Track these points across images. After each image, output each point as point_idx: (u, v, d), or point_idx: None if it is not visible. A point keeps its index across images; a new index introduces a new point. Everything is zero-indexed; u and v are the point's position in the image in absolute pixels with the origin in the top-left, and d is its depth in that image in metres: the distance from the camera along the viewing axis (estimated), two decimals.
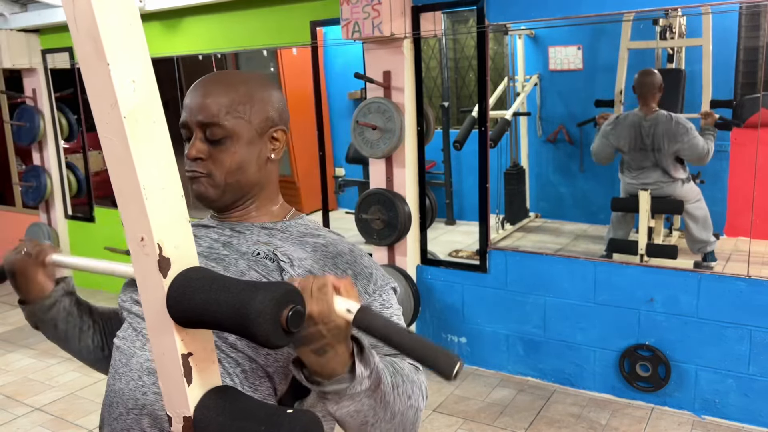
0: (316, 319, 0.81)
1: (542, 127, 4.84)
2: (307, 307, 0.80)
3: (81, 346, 1.26)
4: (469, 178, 4.71)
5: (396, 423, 0.94)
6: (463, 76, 5.34)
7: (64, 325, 1.23)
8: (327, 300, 0.82)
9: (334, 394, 0.86)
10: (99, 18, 0.72)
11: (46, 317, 1.21)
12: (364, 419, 0.90)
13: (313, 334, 0.82)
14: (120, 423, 1.02)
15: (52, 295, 1.20)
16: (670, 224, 4.15)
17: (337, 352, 0.84)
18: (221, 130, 1.04)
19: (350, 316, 0.82)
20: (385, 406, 0.91)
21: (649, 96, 3.68)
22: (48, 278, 1.21)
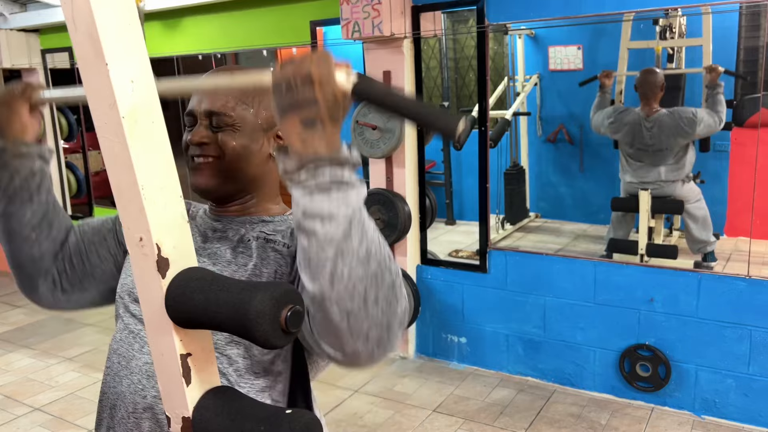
0: (314, 79, 0.77)
1: (542, 127, 4.84)
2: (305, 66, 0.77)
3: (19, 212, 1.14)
4: (469, 178, 4.71)
5: (371, 273, 0.79)
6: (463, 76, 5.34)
7: (19, 182, 1.13)
8: (328, 64, 0.78)
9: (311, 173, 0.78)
10: (98, 18, 0.72)
11: (11, 162, 1.12)
12: (333, 234, 0.77)
13: (307, 99, 0.77)
14: (122, 426, 1.02)
15: (30, 146, 1.13)
16: (670, 224, 4.15)
17: (325, 129, 0.78)
18: (228, 118, 1.05)
19: (349, 84, 0.79)
20: (361, 231, 0.79)
21: (650, 95, 3.68)
22: (34, 122, 1.14)
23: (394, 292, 0.82)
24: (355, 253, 0.78)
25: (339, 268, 0.78)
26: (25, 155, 1.13)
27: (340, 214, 0.78)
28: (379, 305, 0.80)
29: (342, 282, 0.78)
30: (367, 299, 0.79)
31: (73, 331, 4.61)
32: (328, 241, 0.78)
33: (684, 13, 3.87)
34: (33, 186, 1.14)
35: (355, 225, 0.79)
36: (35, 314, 4.93)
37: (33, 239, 1.15)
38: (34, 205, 1.15)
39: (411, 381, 3.65)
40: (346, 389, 3.56)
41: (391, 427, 3.19)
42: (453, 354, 3.83)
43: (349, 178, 0.80)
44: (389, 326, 0.82)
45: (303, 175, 0.79)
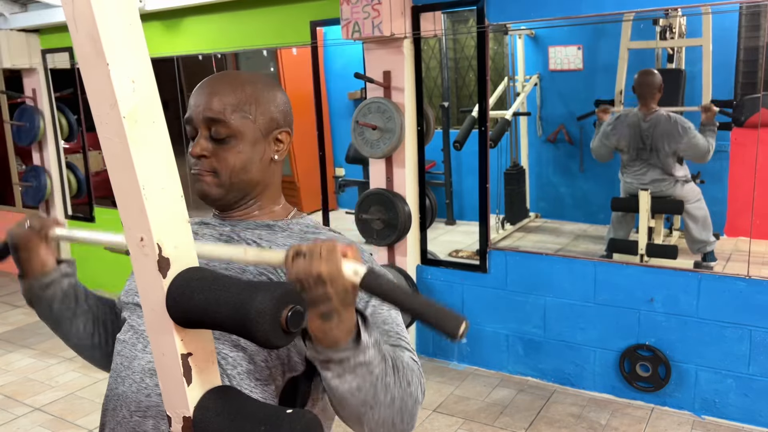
0: (324, 278, 0.82)
1: (542, 127, 4.84)
2: (315, 267, 0.82)
3: (71, 330, 1.24)
4: (469, 178, 4.71)
5: (395, 409, 0.92)
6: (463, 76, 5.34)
7: (58, 306, 1.21)
8: (335, 261, 0.82)
9: (337, 364, 0.86)
10: (98, 18, 0.72)
11: (42, 295, 1.20)
12: (364, 398, 0.89)
13: (320, 296, 0.83)
14: (123, 426, 1.02)
15: (51, 273, 1.19)
16: (670, 224, 4.16)
17: (342, 319, 0.84)
18: (226, 128, 1.05)
19: (357, 278, 0.83)
20: (385, 387, 0.90)
21: (648, 96, 3.68)
22: (50, 254, 1.19)
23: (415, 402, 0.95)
24: (381, 403, 0.91)
25: (368, 415, 0.91)
26: (51, 284, 1.20)
27: (366, 384, 0.88)
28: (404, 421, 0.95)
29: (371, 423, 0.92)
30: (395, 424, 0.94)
31: None
32: (360, 404, 0.90)
33: (684, 13, 3.88)
34: (71, 303, 1.23)
35: (380, 384, 0.89)
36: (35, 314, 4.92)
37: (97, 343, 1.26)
38: (81, 317, 1.24)
39: None
40: None
41: None
42: (453, 354, 3.83)
43: (370, 357, 0.88)
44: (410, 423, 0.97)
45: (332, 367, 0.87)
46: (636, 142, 3.73)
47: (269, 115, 1.09)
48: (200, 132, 1.06)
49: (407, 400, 0.94)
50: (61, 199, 5.52)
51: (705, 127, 3.59)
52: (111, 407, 1.06)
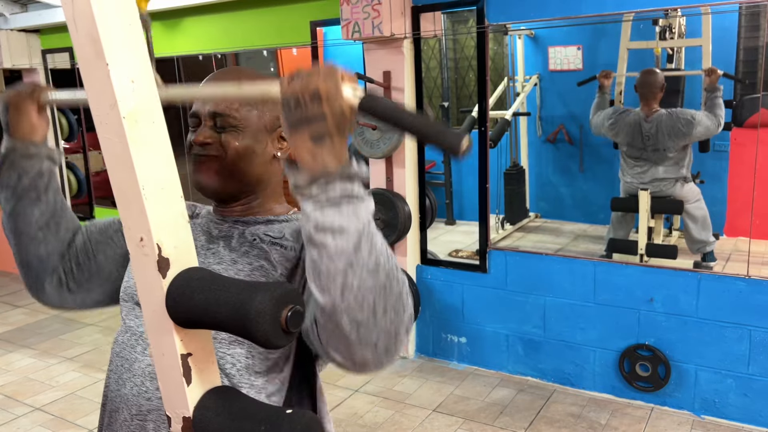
0: (321, 95, 0.78)
1: (542, 127, 4.84)
2: (313, 82, 0.78)
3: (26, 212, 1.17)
4: (469, 178, 4.71)
5: (379, 283, 0.80)
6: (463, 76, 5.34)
7: (28, 181, 1.15)
8: (335, 79, 0.79)
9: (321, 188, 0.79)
10: (98, 18, 0.72)
11: (19, 162, 1.14)
12: (344, 246, 0.79)
13: (315, 115, 0.79)
14: (124, 429, 1.02)
15: (38, 146, 1.15)
16: (669, 224, 4.16)
17: (334, 143, 0.80)
18: (232, 119, 1.05)
19: (356, 99, 0.80)
20: (371, 243, 0.80)
21: (650, 96, 3.68)
22: (42, 121, 1.16)
23: (401, 300, 0.84)
24: (365, 264, 0.79)
25: (349, 280, 0.79)
26: (34, 156, 1.15)
27: (350, 228, 0.79)
28: (387, 315, 0.82)
29: (352, 293, 0.79)
30: (377, 309, 0.81)
31: (73, 331, 4.61)
32: (339, 253, 0.79)
33: (684, 14, 3.88)
34: (41, 186, 1.16)
35: (365, 237, 0.80)
36: (35, 314, 4.93)
37: (40, 239, 1.17)
38: (41, 205, 1.16)
39: (411, 381, 3.65)
40: (346, 389, 3.56)
41: (391, 427, 3.19)
42: (453, 354, 3.83)
43: (358, 191, 0.81)
44: (397, 334, 0.84)
45: (314, 190, 0.80)
46: (637, 142, 3.72)
47: (276, 113, 1.09)
48: (204, 123, 1.07)
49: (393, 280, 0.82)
50: None
51: (710, 94, 3.55)
52: (111, 409, 1.06)
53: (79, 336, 4.50)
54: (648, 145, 3.69)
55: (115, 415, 1.04)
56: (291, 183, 0.83)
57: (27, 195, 1.15)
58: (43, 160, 1.16)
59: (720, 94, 3.53)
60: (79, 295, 1.21)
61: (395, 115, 0.79)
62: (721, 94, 3.53)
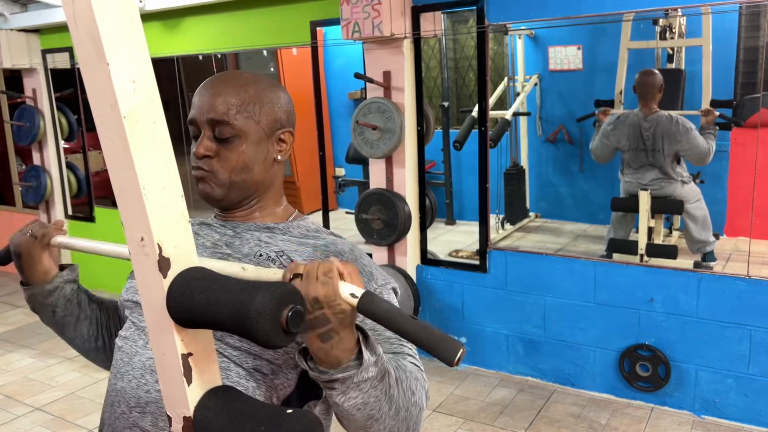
0: (321, 302, 0.82)
1: (542, 127, 4.84)
2: (312, 290, 0.81)
3: (75, 334, 1.26)
4: (469, 178, 4.72)
5: (400, 419, 0.92)
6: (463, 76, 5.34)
7: (62, 312, 1.23)
8: (332, 283, 0.82)
9: (341, 383, 0.86)
10: (99, 18, 0.72)
11: (46, 302, 1.21)
12: (369, 413, 0.89)
13: (318, 319, 0.83)
14: (122, 421, 1.02)
15: (54, 280, 1.21)
16: (670, 224, 4.16)
17: (342, 338, 0.84)
18: (230, 128, 1.05)
19: (355, 300, 0.82)
20: (390, 399, 0.90)
21: (649, 96, 3.68)
22: (52, 261, 1.21)
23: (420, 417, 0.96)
24: (386, 415, 0.91)
25: (374, 428, 0.91)
26: (54, 291, 1.21)
27: (371, 399, 0.88)
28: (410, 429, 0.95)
29: None
30: None
31: None
32: (365, 418, 0.90)
33: (684, 13, 3.88)
34: (74, 309, 1.24)
35: (385, 398, 0.89)
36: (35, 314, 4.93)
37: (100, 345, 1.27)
38: (85, 322, 1.25)
39: None
40: None
41: None
42: None
43: (373, 371, 0.87)
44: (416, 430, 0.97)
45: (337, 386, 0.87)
46: (636, 142, 3.73)
47: (273, 116, 1.09)
48: (204, 132, 1.06)
49: (412, 409, 0.94)
50: (61, 199, 5.52)
51: (705, 131, 3.60)
52: (110, 402, 1.06)
53: None
54: (647, 145, 3.69)
55: (113, 408, 1.04)
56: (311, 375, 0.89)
57: (68, 322, 1.24)
58: (64, 289, 1.23)
59: (715, 133, 3.59)
60: None
61: (393, 319, 0.82)
62: (716, 133, 3.59)
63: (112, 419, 1.04)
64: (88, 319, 1.25)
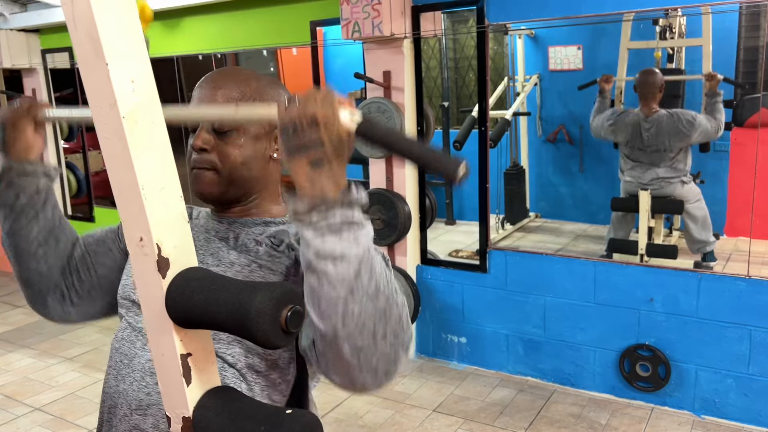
0: (319, 120, 0.78)
1: (542, 127, 4.84)
2: (310, 108, 0.78)
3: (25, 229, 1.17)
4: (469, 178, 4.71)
5: (379, 308, 0.81)
6: (463, 76, 5.34)
7: (25, 200, 1.16)
8: (332, 105, 0.79)
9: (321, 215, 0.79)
10: (98, 18, 0.72)
11: (16, 181, 1.15)
12: (344, 274, 0.78)
13: (313, 141, 0.79)
14: (124, 424, 1.02)
15: (34, 164, 1.16)
16: (670, 224, 4.16)
17: (332, 168, 0.80)
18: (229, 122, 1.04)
19: (354, 124, 0.80)
20: (370, 268, 0.80)
21: (650, 96, 3.68)
22: (38, 139, 1.17)
23: (401, 323, 0.84)
24: (365, 291, 0.79)
25: (350, 307, 0.79)
26: (31, 174, 1.16)
27: (351, 254, 0.79)
28: (387, 339, 0.82)
29: (353, 320, 0.79)
30: (377, 334, 0.81)
31: (73, 331, 4.60)
32: (340, 281, 0.79)
33: (684, 14, 3.88)
34: (38, 203, 1.17)
35: (365, 264, 0.80)
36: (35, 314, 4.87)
37: (40, 255, 1.18)
38: (40, 222, 1.17)
39: (411, 381, 3.65)
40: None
41: (391, 427, 3.19)
42: (453, 354, 3.83)
43: (358, 218, 0.81)
44: (396, 357, 0.84)
45: (314, 217, 0.80)
46: (637, 142, 3.72)
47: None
48: (201, 125, 1.06)
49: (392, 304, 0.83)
50: (60, 199, 5.52)
51: (710, 99, 3.55)
52: (110, 404, 1.05)
53: (78, 336, 4.50)
54: (648, 145, 3.69)
55: (114, 411, 1.04)
56: (290, 209, 0.82)
57: (25, 213, 1.16)
58: (39, 178, 1.17)
59: (720, 99, 3.53)
60: (82, 307, 1.22)
61: (393, 140, 0.79)
62: (722, 98, 3.54)
63: (115, 421, 1.03)
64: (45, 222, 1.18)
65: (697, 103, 3.87)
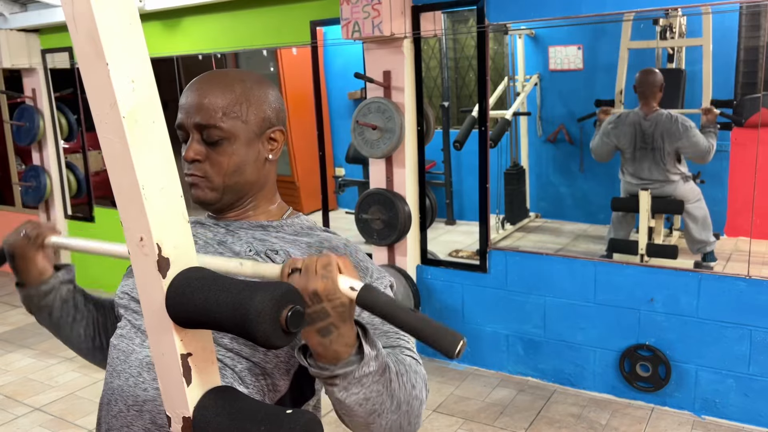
0: (321, 295, 0.81)
1: (542, 127, 4.84)
2: (311, 284, 0.81)
3: (72, 335, 1.25)
4: (469, 178, 4.71)
5: (402, 413, 0.92)
6: (463, 76, 5.34)
7: (58, 313, 1.21)
8: (332, 276, 0.82)
9: (343, 378, 0.85)
10: (98, 18, 0.72)
11: (41, 303, 1.20)
12: (372, 408, 0.88)
13: (317, 313, 0.82)
14: (119, 420, 1.01)
15: (50, 281, 1.19)
16: (670, 224, 4.15)
17: (341, 333, 0.84)
18: (219, 131, 1.03)
19: (354, 293, 0.82)
20: (391, 393, 0.90)
21: (649, 95, 3.68)
22: (47, 261, 1.19)
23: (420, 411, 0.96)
24: (388, 410, 0.90)
25: (376, 423, 0.91)
26: (51, 292, 1.20)
27: (372, 394, 0.88)
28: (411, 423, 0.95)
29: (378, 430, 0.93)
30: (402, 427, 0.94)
31: None
32: (367, 413, 0.89)
33: (684, 13, 3.88)
34: (71, 309, 1.23)
35: (386, 392, 0.89)
36: None
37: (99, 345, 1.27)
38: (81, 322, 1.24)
39: None
40: None
41: None
42: None
43: (374, 365, 0.87)
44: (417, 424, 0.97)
45: (338, 381, 0.86)
46: (637, 142, 3.72)
47: (261, 115, 1.07)
48: (192, 136, 1.05)
49: (413, 402, 0.94)
50: (60, 199, 5.51)
51: (705, 129, 3.60)
52: (106, 401, 1.05)
53: None
54: (648, 145, 3.69)
55: (109, 407, 1.04)
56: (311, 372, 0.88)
57: (65, 322, 1.23)
58: (60, 290, 1.21)
59: (716, 131, 3.58)
60: None
61: (392, 311, 0.81)
62: (716, 130, 3.59)
63: (109, 418, 1.03)
64: (85, 320, 1.24)
65: (697, 101, 3.87)
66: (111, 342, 1.10)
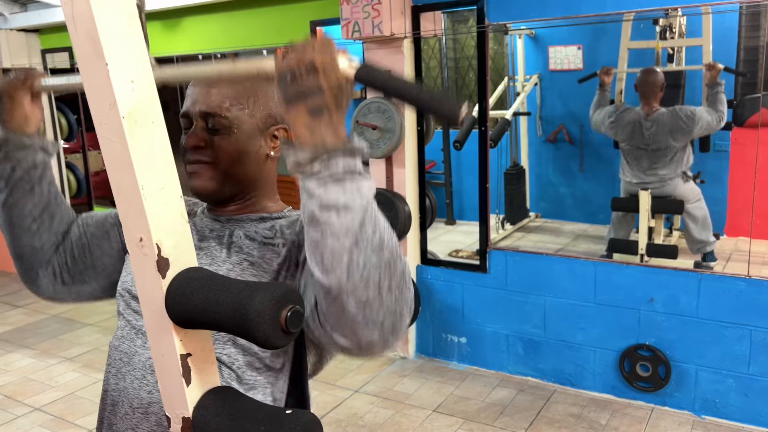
0: (317, 67, 0.77)
1: (542, 127, 4.83)
2: (309, 54, 0.78)
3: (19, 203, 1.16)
4: (469, 178, 4.71)
5: (383, 261, 0.79)
6: (463, 76, 5.34)
7: (21, 173, 1.14)
8: (331, 52, 0.78)
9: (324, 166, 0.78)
10: (98, 18, 0.72)
11: (13, 153, 1.14)
12: (349, 225, 0.77)
13: (312, 87, 0.78)
14: (125, 422, 1.01)
15: (32, 138, 1.15)
16: (670, 224, 4.15)
17: (332, 117, 0.79)
18: (224, 120, 1.04)
19: (352, 70, 0.79)
20: (375, 223, 0.79)
21: (650, 95, 3.68)
22: (35, 109, 1.16)
23: (405, 279, 0.82)
24: (369, 242, 0.78)
25: (355, 258, 0.77)
26: (28, 147, 1.15)
27: (355, 204, 0.78)
28: (392, 293, 0.80)
29: (358, 271, 0.78)
30: (382, 288, 0.79)
31: (73, 331, 4.61)
32: (344, 231, 0.77)
33: (684, 13, 3.87)
34: (35, 177, 1.16)
35: (369, 215, 0.79)
36: (35, 314, 4.93)
37: (34, 230, 1.17)
38: (35, 197, 1.16)
39: (411, 381, 3.65)
40: (346, 389, 3.56)
41: (391, 427, 3.19)
42: (453, 354, 3.83)
43: (360, 167, 0.80)
44: (401, 313, 0.83)
45: (316, 167, 0.78)
46: (637, 141, 3.72)
47: (267, 111, 1.08)
48: (196, 123, 1.05)
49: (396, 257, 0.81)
50: None
51: (711, 90, 3.55)
52: (111, 403, 1.05)
53: (78, 336, 4.50)
54: (648, 144, 3.69)
55: (115, 409, 1.04)
56: (290, 161, 0.80)
57: (20, 186, 1.15)
58: (36, 152, 1.16)
59: (722, 89, 3.52)
60: (73, 287, 1.21)
61: (392, 84, 0.78)
62: (723, 89, 3.53)
63: (116, 420, 1.03)
64: (39, 198, 1.16)
65: (697, 99, 3.87)
66: (111, 344, 1.10)
